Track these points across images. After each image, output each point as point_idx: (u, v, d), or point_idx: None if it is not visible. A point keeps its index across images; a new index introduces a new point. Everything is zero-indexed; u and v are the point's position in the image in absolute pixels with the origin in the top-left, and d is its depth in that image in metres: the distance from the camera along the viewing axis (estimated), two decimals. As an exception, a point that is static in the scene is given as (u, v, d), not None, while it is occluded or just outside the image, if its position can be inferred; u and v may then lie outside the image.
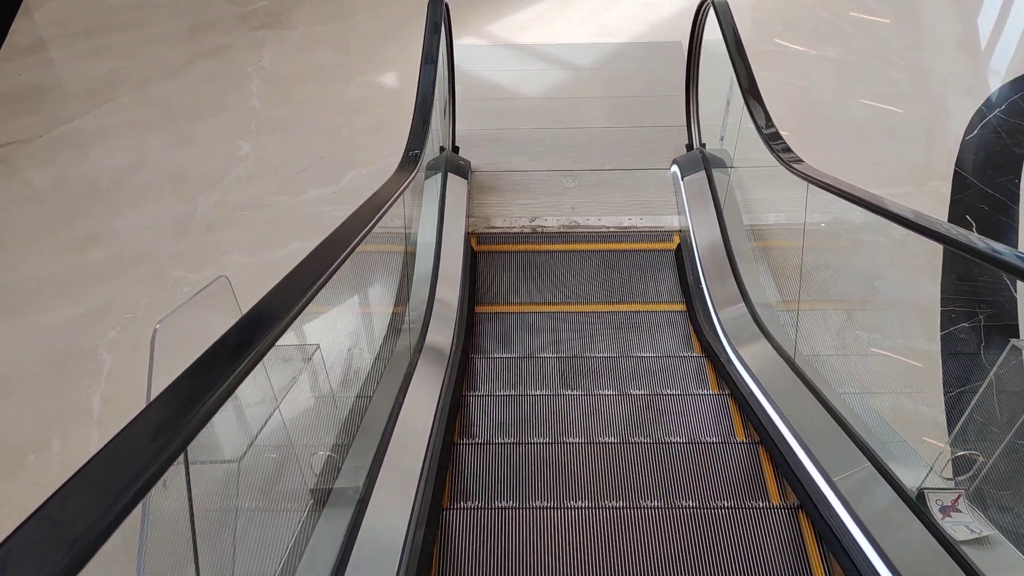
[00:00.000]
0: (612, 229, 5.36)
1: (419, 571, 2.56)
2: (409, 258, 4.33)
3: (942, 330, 4.42)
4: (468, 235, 5.24)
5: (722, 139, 4.87)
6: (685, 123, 5.77)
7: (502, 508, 2.98)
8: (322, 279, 2.00)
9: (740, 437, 3.54)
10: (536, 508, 2.99)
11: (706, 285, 4.42)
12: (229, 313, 1.73)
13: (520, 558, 2.82)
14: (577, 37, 6.98)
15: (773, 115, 4.06)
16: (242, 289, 1.88)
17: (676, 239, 5.26)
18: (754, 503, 3.03)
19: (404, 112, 4.26)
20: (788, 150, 3.83)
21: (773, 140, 3.91)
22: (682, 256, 5.04)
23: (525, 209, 5.49)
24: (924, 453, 2.62)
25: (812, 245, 3.56)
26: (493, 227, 5.39)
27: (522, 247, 5.21)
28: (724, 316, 4.13)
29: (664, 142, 5.92)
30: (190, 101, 6.32)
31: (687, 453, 3.32)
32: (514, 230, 5.37)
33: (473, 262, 5.07)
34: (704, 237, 4.72)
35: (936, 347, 4.31)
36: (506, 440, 3.43)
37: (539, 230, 5.36)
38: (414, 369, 3.42)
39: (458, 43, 6.86)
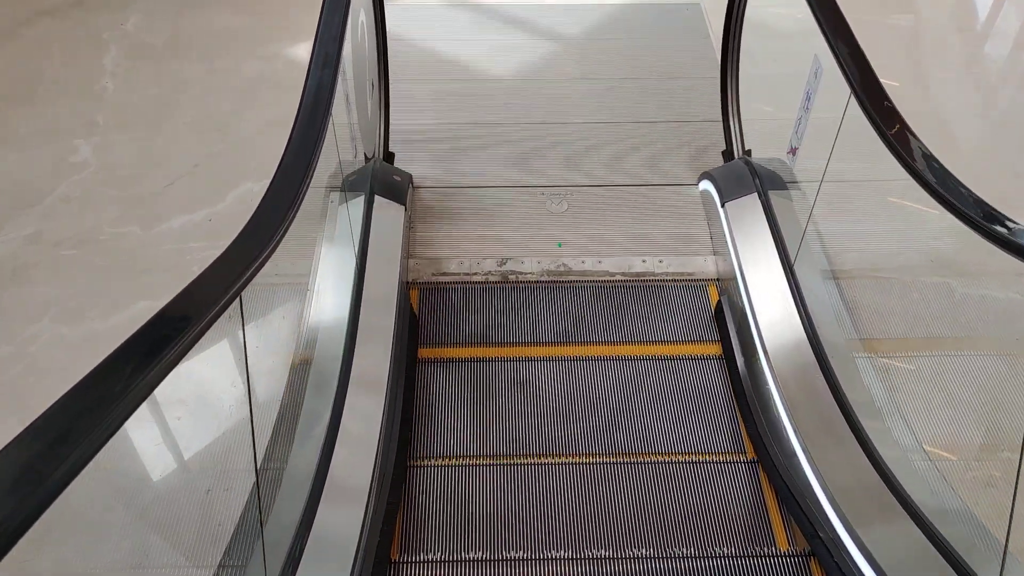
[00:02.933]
0: (618, 277, 3.65)
1: None
2: (299, 370, 2.62)
3: None
4: (404, 289, 3.49)
5: (793, 152, 3.16)
6: (720, 121, 4.04)
7: None
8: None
9: None
10: None
11: (787, 415, 2.75)
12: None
13: None
14: (560, -3, 5.20)
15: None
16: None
17: (713, 293, 3.57)
18: None
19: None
20: (950, 182, 2.15)
21: (919, 162, 2.22)
22: (726, 327, 3.36)
23: (491, 245, 3.76)
24: None
25: None
26: (444, 274, 3.65)
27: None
28: (835, 487, 2.48)
29: (686, 146, 4.20)
30: (12, 80, 4.45)
31: None
32: (475, 278, 3.64)
33: (412, 340, 3.33)
34: (771, 315, 3.03)
35: None
36: None
37: (512, 278, 3.63)
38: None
39: (397, 1, 5.05)
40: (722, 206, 3.56)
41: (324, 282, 3.06)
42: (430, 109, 4.40)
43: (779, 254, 3.16)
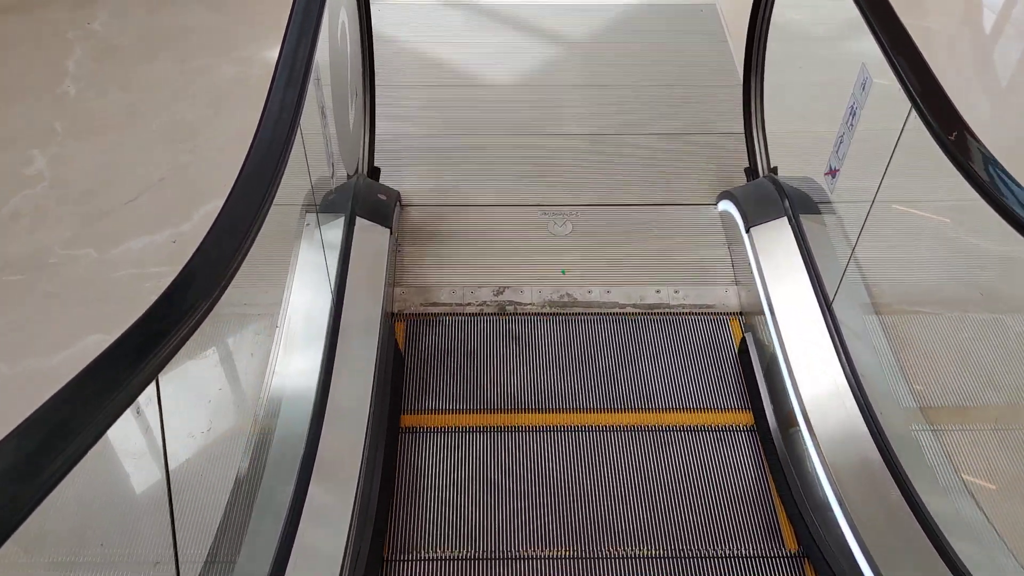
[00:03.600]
0: (629, 309, 3.26)
1: None
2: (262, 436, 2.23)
3: None
4: (389, 324, 3.11)
5: (832, 174, 2.77)
6: (741, 133, 3.66)
7: None
8: None
9: None
10: None
11: (841, 510, 2.35)
12: None
13: None
14: (564, -4, 4.80)
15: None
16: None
17: (736, 330, 3.19)
18: None
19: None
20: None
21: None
22: (752, 371, 2.97)
23: (487, 271, 3.37)
24: None
25: None
26: (435, 304, 3.26)
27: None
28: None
29: (704, 161, 3.81)
30: (-35, 83, 4.07)
31: None
32: (469, 309, 3.25)
33: (397, 380, 2.94)
34: (809, 370, 2.64)
35: None
36: None
37: (510, 309, 3.25)
38: None
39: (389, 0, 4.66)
40: (747, 231, 3.17)
41: (295, 321, 2.68)
42: (422, 118, 4.01)
43: (815, 290, 2.77)
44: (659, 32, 4.51)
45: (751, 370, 3.00)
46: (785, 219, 3.08)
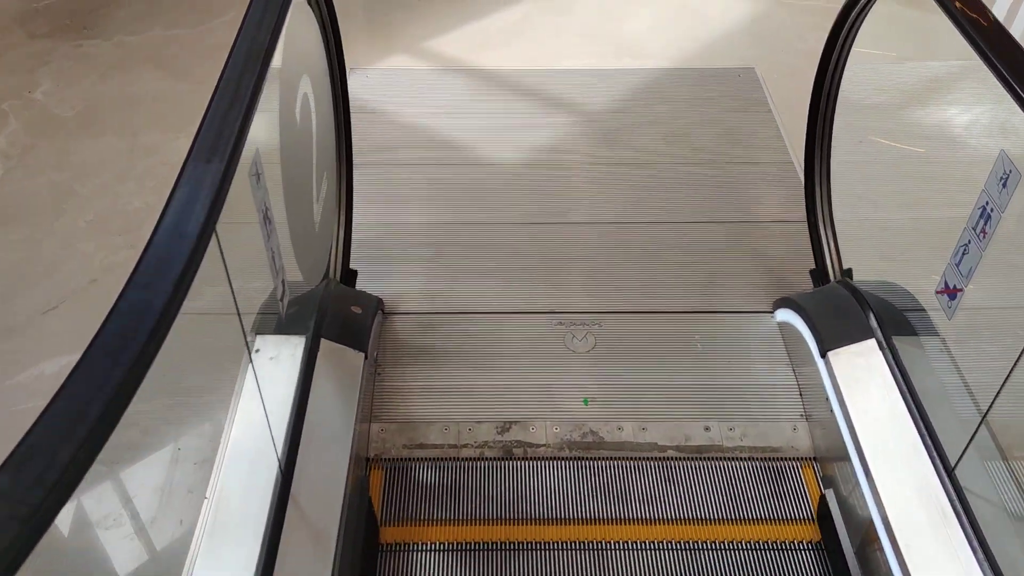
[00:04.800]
0: (671, 452, 2.54)
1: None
2: None
3: None
4: (361, 476, 2.40)
5: (950, 292, 2.07)
6: (800, 223, 2.98)
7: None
8: None
9: None
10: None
11: None
12: None
13: None
14: (580, 60, 4.19)
15: None
16: None
17: (809, 482, 2.46)
18: None
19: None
20: None
21: None
22: (839, 547, 2.23)
23: (489, 401, 2.67)
24: None
25: None
26: (422, 446, 2.55)
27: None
28: None
29: (755, 256, 3.13)
30: None
31: None
32: (465, 452, 2.54)
33: (369, 560, 2.20)
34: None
35: None
36: None
37: (518, 452, 2.53)
38: None
39: (378, 65, 4.05)
40: (822, 355, 2.47)
41: (230, 491, 1.97)
42: (411, 205, 3.35)
43: (928, 449, 2.06)
44: (692, 100, 3.87)
45: (836, 543, 2.26)
46: (873, 342, 2.39)
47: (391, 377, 2.71)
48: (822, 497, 2.38)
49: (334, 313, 2.51)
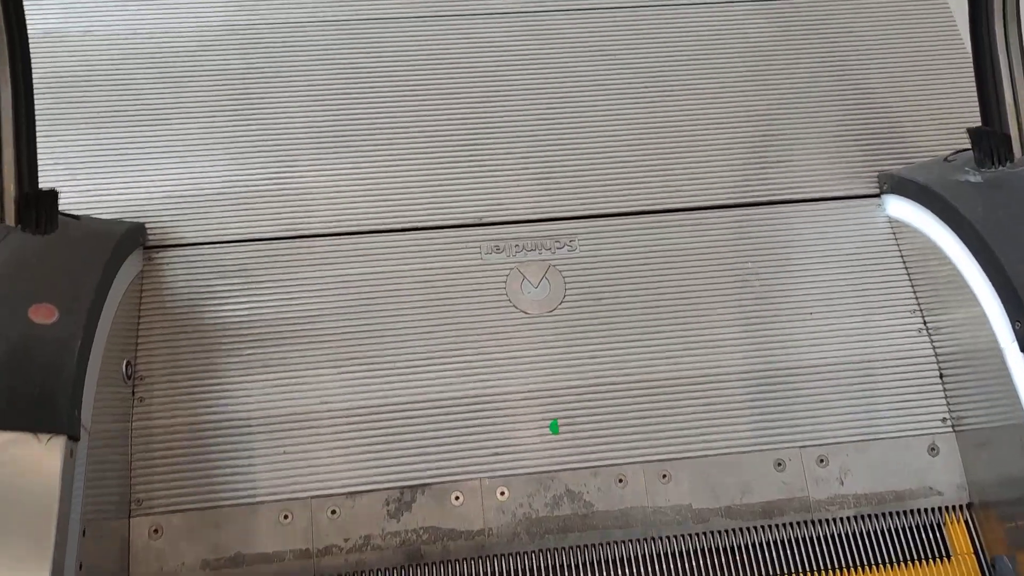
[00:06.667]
0: (717, 520, 1.35)
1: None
2: None
3: None
4: None
5: None
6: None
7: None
8: None
9: None
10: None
11: None
12: None
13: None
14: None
15: None
16: None
17: (960, 544, 1.35)
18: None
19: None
20: None
21: None
22: None
23: (367, 447, 1.36)
24: None
25: None
26: (238, 562, 1.27)
27: None
28: None
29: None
30: None
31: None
32: (328, 561, 1.28)
33: None
34: None
35: None
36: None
37: (430, 547, 1.30)
38: None
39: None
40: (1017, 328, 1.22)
41: None
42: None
43: None
44: None
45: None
46: None
47: (168, 402, 1.34)
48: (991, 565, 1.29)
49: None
